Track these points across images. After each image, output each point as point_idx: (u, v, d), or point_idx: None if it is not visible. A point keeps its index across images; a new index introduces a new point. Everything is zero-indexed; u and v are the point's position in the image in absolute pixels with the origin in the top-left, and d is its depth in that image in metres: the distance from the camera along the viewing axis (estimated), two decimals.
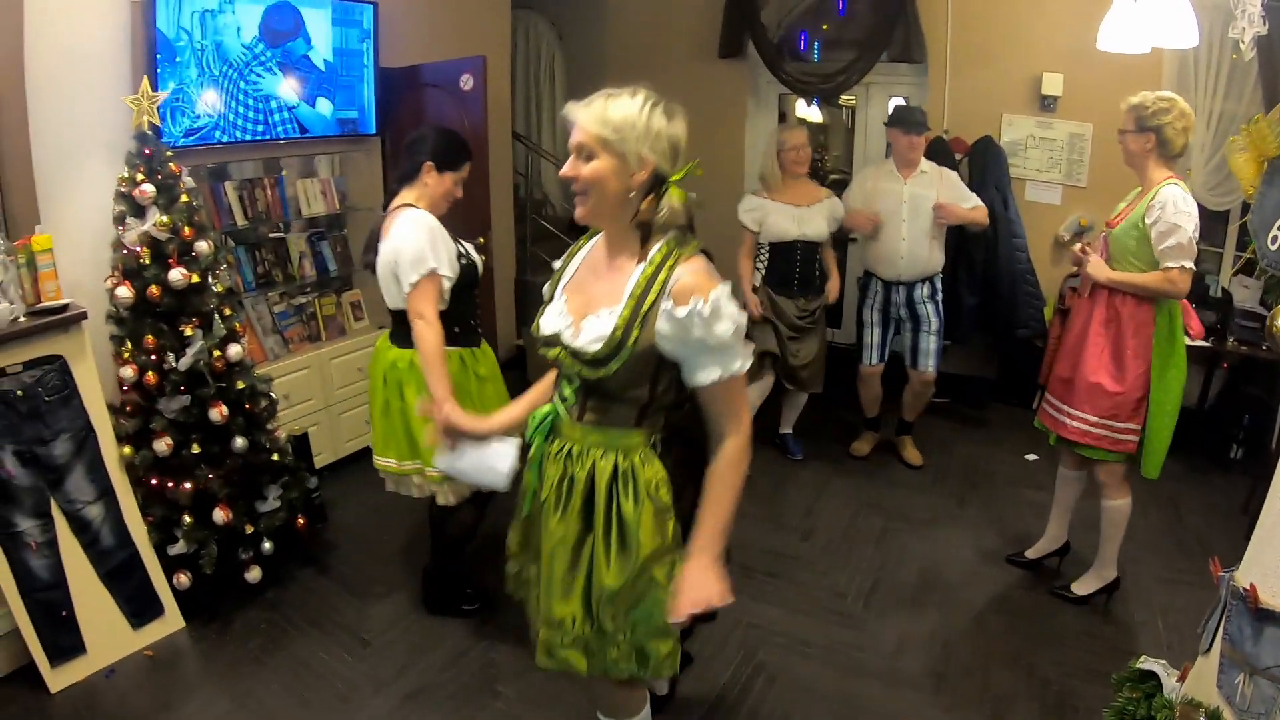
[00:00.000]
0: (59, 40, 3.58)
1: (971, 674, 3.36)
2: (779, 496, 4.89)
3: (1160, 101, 3.31)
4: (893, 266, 4.90)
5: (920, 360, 5.02)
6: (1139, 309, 3.40)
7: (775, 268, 5.02)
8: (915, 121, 4.75)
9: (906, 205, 4.80)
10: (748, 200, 5.05)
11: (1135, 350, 3.42)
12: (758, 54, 7.01)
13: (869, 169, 5.15)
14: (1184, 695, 1.80)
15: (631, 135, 1.95)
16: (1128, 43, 4.02)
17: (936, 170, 4.90)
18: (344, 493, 4.82)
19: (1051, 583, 3.94)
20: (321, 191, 5.22)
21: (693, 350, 1.91)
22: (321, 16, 4.84)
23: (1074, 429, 3.58)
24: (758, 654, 3.49)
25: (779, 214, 4.89)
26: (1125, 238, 3.40)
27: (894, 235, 4.85)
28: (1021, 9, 5.95)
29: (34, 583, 3.30)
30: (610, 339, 1.94)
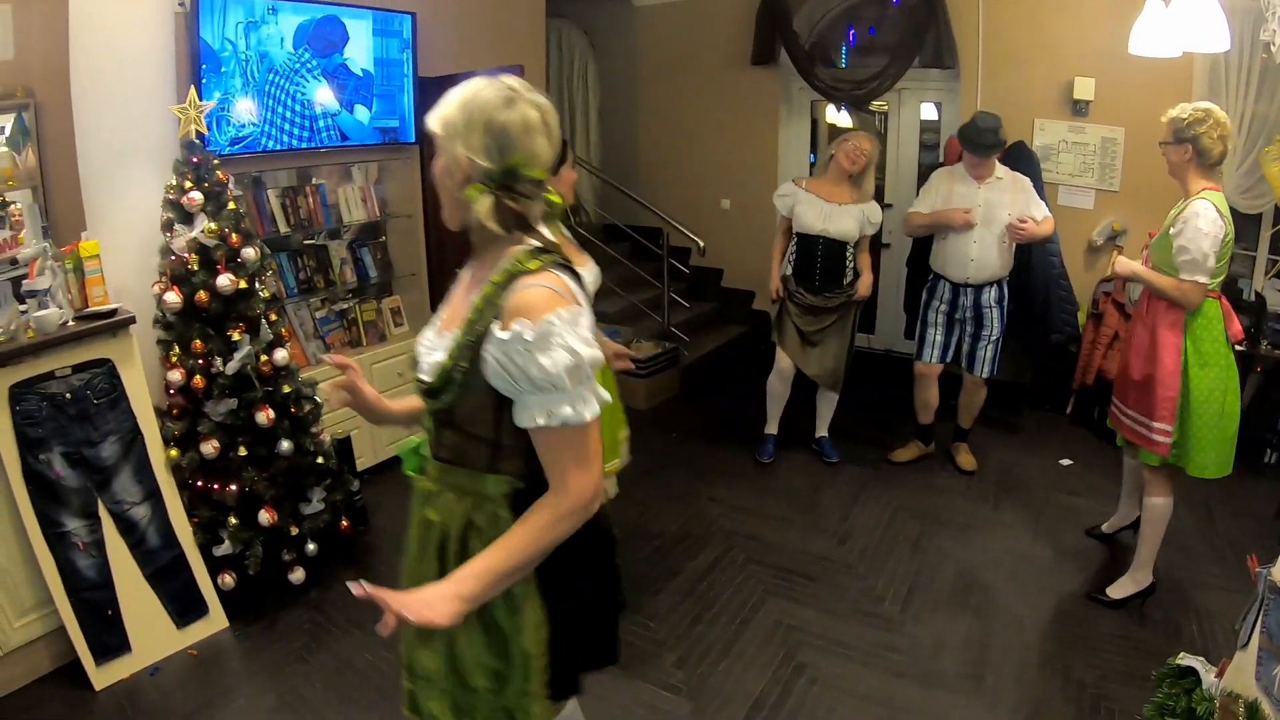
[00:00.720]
0: (105, 50, 3.66)
1: (1008, 676, 3.37)
2: (815, 500, 4.91)
3: (1196, 113, 3.37)
4: (962, 269, 4.88)
5: (977, 365, 5.02)
6: (1170, 308, 3.49)
7: (799, 260, 5.09)
8: (984, 145, 4.70)
9: (980, 210, 4.78)
10: (784, 186, 5.16)
11: (1167, 344, 3.48)
12: (790, 61, 7.05)
13: (943, 171, 5.10)
14: (1223, 689, 1.82)
15: (453, 131, 1.68)
16: (1159, 47, 4.04)
17: (1011, 176, 4.88)
18: (384, 496, 4.87)
19: (1088, 587, 3.94)
20: (362, 199, 5.29)
21: (516, 384, 1.61)
22: (362, 27, 4.91)
23: (1127, 427, 3.73)
24: (797, 655, 3.52)
25: (806, 205, 4.95)
26: (1161, 247, 3.50)
27: (965, 238, 4.83)
28: (1052, 13, 5.97)
29: (81, 581, 3.37)
30: (440, 367, 1.72)
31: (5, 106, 3.91)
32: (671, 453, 5.65)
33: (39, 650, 3.44)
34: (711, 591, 4.01)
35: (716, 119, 7.93)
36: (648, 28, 8.26)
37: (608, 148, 8.69)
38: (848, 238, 4.92)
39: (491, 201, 1.66)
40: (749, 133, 7.78)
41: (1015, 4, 6.14)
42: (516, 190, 1.68)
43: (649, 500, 4.92)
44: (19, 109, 3.96)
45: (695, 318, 7.75)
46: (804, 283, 5.05)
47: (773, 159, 7.70)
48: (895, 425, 5.75)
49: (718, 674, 3.41)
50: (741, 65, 7.46)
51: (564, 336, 1.58)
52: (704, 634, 3.68)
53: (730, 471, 5.30)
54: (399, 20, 5.11)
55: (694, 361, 7.17)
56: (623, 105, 8.58)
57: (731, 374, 7.29)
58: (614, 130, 8.67)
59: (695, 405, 6.60)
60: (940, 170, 5.14)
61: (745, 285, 8.08)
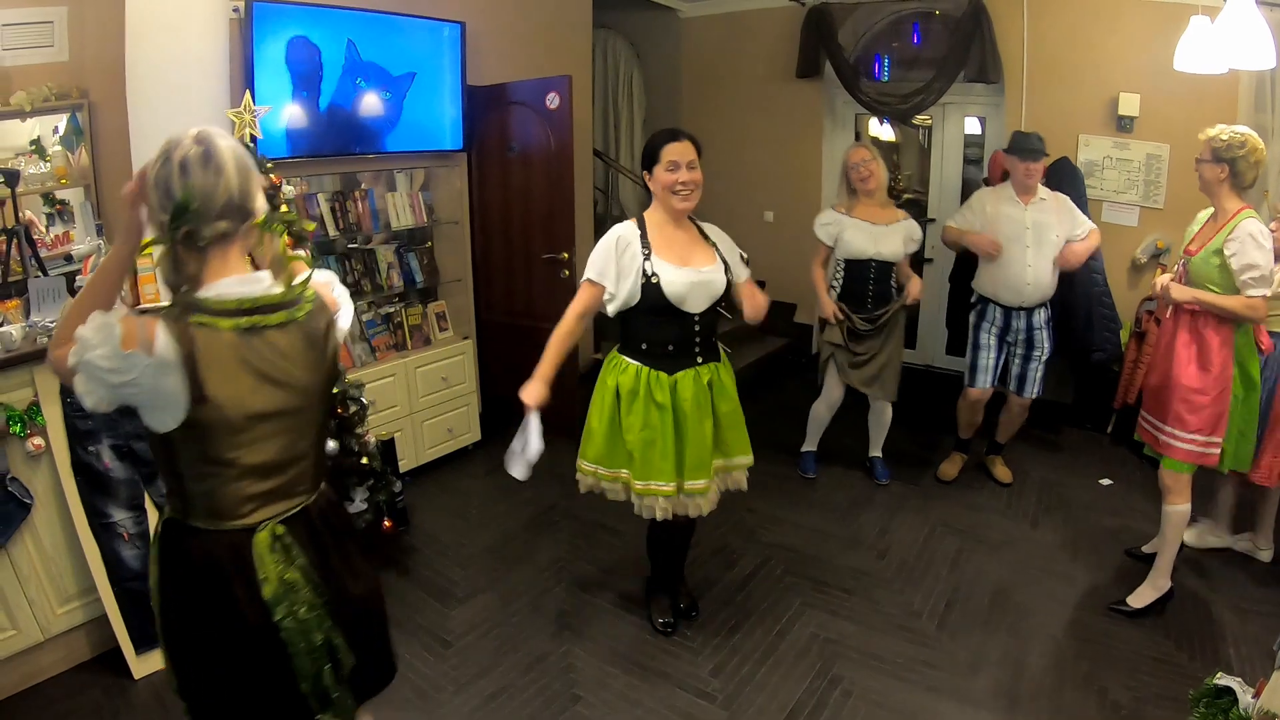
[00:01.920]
0: (160, 53, 3.70)
1: (1044, 695, 3.35)
2: (854, 514, 4.92)
3: (1236, 136, 3.47)
4: (1018, 294, 4.81)
5: (1027, 386, 4.98)
6: (1220, 327, 3.57)
7: (850, 285, 4.98)
8: (1032, 149, 4.68)
9: (1030, 232, 4.73)
10: (825, 214, 5.02)
11: (1219, 360, 3.58)
12: (835, 74, 7.07)
13: (986, 192, 5.02)
14: (1260, 708, 1.83)
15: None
16: (1205, 63, 4.04)
17: (1052, 195, 4.83)
18: (425, 498, 4.95)
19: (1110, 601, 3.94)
20: (410, 205, 5.38)
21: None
22: (412, 35, 5.00)
23: (1163, 442, 3.75)
24: (833, 668, 3.53)
25: (856, 230, 4.85)
26: (1205, 266, 3.55)
27: (1019, 262, 4.76)
28: (1098, 29, 5.96)
29: (125, 572, 3.45)
30: None
31: (60, 107, 4.03)
32: None
33: (79, 637, 3.53)
34: (749, 602, 4.02)
35: (760, 131, 7.95)
36: (693, 38, 8.31)
37: None
38: (897, 257, 4.87)
39: (163, 251, 1.73)
40: (793, 145, 7.80)
41: (1060, 19, 6.13)
42: (198, 230, 1.71)
43: None
44: (73, 109, 4.08)
45: (737, 329, 7.69)
46: (856, 306, 4.97)
47: (816, 172, 7.70)
48: (936, 441, 5.74)
49: (753, 684, 3.43)
50: (786, 77, 7.49)
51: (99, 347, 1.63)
52: (740, 643, 3.69)
53: (769, 483, 5.28)
54: (448, 29, 5.19)
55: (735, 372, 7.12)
56: (667, 115, 8.59)
57: (771, 386, 7.31)
58: None
59: None
60: (985, 190, 5.08)
61: (787, 298, 8.07)
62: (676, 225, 3.44)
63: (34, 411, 3.23)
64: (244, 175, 1.75)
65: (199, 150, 1.70)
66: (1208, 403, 3.59)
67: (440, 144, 5.35)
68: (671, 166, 3.30)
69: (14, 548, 3.25)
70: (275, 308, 1.78)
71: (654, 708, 3.28)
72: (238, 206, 1.73)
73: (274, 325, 1.78)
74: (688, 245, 3.41)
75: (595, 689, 3.40)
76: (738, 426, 3.56)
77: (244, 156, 1.77)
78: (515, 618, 3.87)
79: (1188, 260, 3.65)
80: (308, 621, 1.88)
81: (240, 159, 1.75)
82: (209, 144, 1.72)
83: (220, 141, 1.74)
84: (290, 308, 1.80)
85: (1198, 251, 3.59)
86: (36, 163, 3.98)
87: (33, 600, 3.33)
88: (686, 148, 3.31)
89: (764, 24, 7.63)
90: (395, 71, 4.94)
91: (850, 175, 4.90)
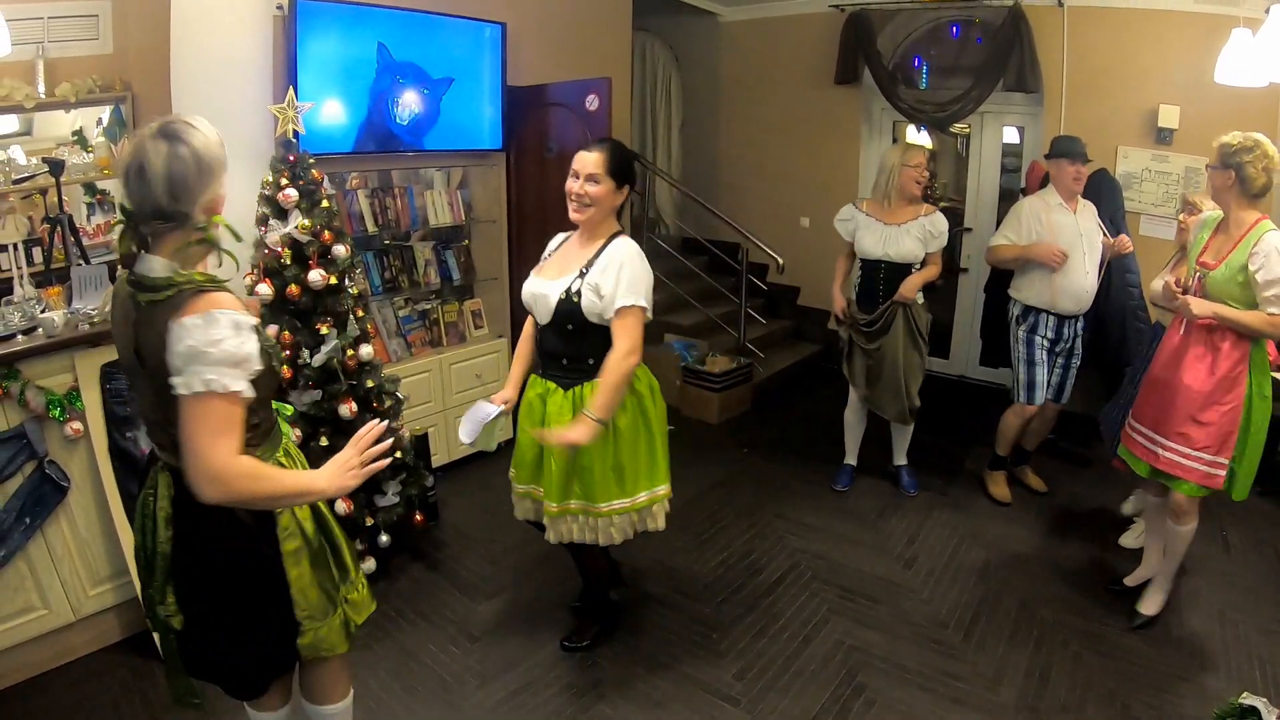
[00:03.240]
0: (205, 49, 3.78)
1: (1067, 710, 3.33)
2: (883, 522, 4.90)
3: (1246, 140, 3.38)
4: (1079, 300, 4.74)
5: (1065, 393, 4.96)
6: (1238, 344, 3.48)
7: (862, 285, 4.96)
8: (1079, 152, 4.65)
9: (1084, 238, 4.68)
10: (844, 210, 4.98)
11: (1235, 377, 3.49)
12: (873, 81, 7.07)
13: (1034, 201, 4.87)
14: None
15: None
16: (1245, 76, 4.02)
17: (1086, 203, 4.82)
18: (456, 494, 4.98)
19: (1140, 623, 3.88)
20: (449, 203, 5.44)
21: None
22: (453, 36, 5.05)
23: (1166, 460, 3.64)
24: (857, 676, 3.52)
25: (866, 229, 4.81)
26: (1228, 283, 3.43)
27: (1079, 269, 4.67)
28: (1138, 40, 5.94)
29: None
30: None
31: (104, 99, 4.11)
32: (742, 467, 5.69)
33: (110, 619, 3.60)
34: (776, 607, 4.02)
35: (798, 136, 7.96)
36: (732, 43, 8.33)
37: (689, 161, 8.77)
38: (911, 259, 4.76)
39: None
40: (830, 151, 7.80)
41: (1100, 30, 6.10)
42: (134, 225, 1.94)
43: (717, 512, 4.96)
44: (117, 101, 4.16)
45: (770, 334, 7.77)
46: (867, 308, 4.93)
47: (854, 178, 7.69)
48: (967, 452, 5.71)
49: (777, 689, 3.43)
50: (824, 84, 7.50)
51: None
52: (766, 649, 3.70)
53: (798, 489, 5.31)
54: (490, 30, 5.23)
55: (767, 378, 7.19)
56: (704, 119, 8.64)
57: (804, 392, 7.32)
58: (695, 144, 8.74)
59: (767, 421, 6.63)
60: (1029, 200, 4.92)
61: (822, 304, 8.05)
62: (583, 238, 3.24)
63: (73, 397, 3.30)
64: (176, 186, 1.87)
65: (136, 163, 1.86)
66: (1216, 417, 3.49)
67: (479, 143, 5.39)
68: (572, 174, 3.16)
69: (49, 529, 3.33)
70: (145, 288, 1.91)
71: (677, 709, 3.29)
72: (165, 213, 1.88)
73: (144, 301, 1.91)
74: (573, 259, 3.20)
75: (619, 688, 3.41)
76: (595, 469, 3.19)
77: (184, 165, 1.88)
78: (541, 614, 3.89)
79: (1205, 273, 3.53)
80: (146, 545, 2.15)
81: (175, 171, 1.87)
82: (145, 157, 1.86)
83: (162, 150, 1.87)
84: (150, 291, 1.90)
85: (1217, 265, 3.47)
86: (78, 153, 4.06)
87: (65, 581, 3.40)
88: (590, 158, 3.11)
89: (803, 29, 7.64)
90: (436, 71, 4.98)
91: (903, 177, 4.72)
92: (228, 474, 1.85)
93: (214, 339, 1.83)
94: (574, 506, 3.23)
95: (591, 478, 3.16)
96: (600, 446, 3.10)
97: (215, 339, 1.83)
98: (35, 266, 3.88)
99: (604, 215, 3.16)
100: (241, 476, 1.88)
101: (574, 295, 3.06)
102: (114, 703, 3.26)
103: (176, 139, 1.87)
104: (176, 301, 1.86)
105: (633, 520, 3.27)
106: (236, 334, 1.87)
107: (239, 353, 1.88)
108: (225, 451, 1.85)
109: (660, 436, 3.29)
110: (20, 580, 3.28)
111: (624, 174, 3.16)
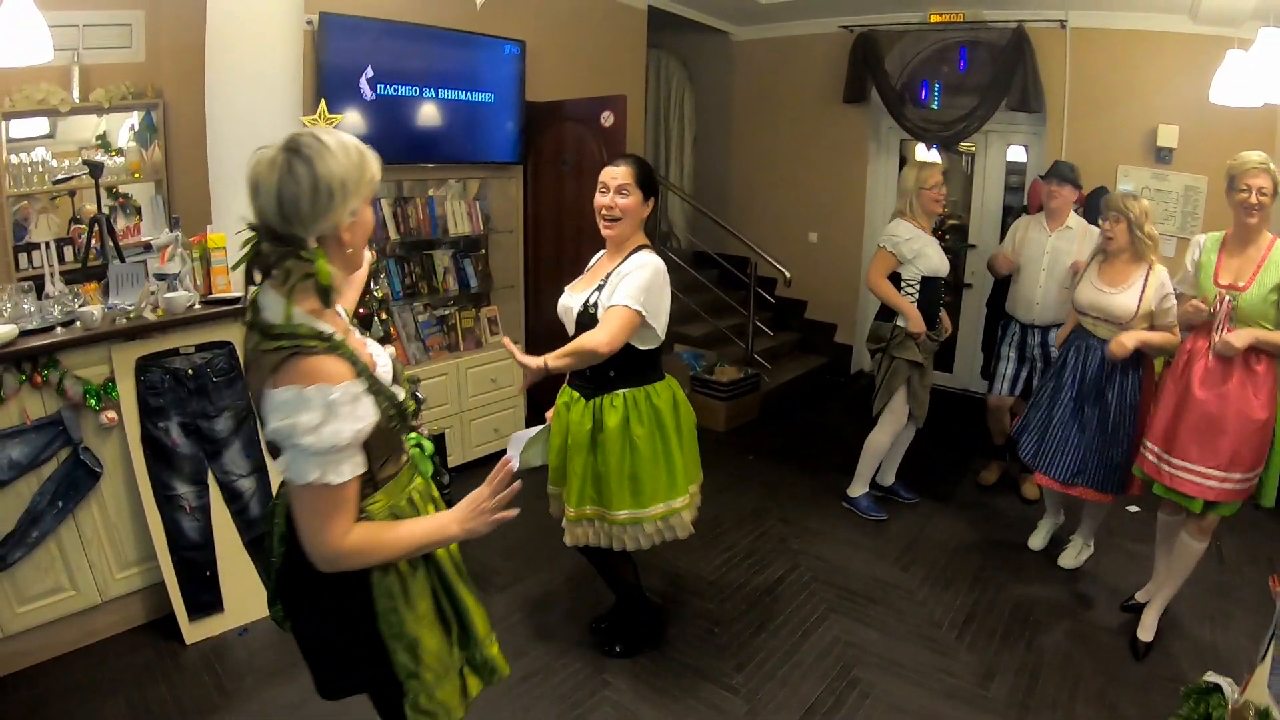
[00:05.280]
0: (239, 60, 3.92)
1: (1056, 707, 3.43)
2: (883, 527, 5.02)
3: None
4: (1029, 310, 5.08)
5: None
6: (1273, 362, 3.44)
7: (923, 305, 4.78)
8: (1060, 174, 4.91)
9: (1048, 255, 4.95)
10: (901, 227, 4.74)
11: (1271, 391, 3.44)
12: (880, 100, 7.22)
13: (1025, 219, 5.27)
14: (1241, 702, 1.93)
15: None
16: (1240, 96, 4.10)
17: (1083, 227, 4.93)
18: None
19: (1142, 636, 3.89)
20: (468, 213, 5.60)
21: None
22: (475, 51, 5.23)
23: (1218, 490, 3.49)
24: (853, 670, 3.63)
25: (935, 248, 4.76)
26: (1262, 303, 3.38)
27: (1033, 282, 5.02)
28: (1138, 61, 6.07)
29: (184, 541, 3.68)
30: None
31: (136, 105, 4.28)
32: (747, 472, 5.82)
33: (135, 602, 3.75)
34: (776, 605, 4.14)
35: (807, 153, 8.11)
36: (744, 61, 8.49)
37: (700, 176, 8.91)
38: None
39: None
40: (838, 168, 7.94)
41: (1101, 51, 6.24)
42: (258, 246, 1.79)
43: (723, 515, 5.08)
44: (148, 108, 4.32)
45: (777, 346, 7.89)
46: (929, 327, 4.86)
47: (860, 195, 7.84)
48: (968, 462, 5.82)
49: (775, 680, 3.55)
50: (833, 102, 7.64)
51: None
52: (765, 643, 3.82)
53: (802, 494, 5.43)
54: (510, 47, 5.40)
55: (774, 388, 7.30)
56: (716, 135, 8.79)
57: (809, 402, 7.44)
58: (707, 159, 8.88)
59: (772, 430, 6.75)
60: (1024, 218, 5.32)
61: (828, 318, 8.21)
62: (612, 252, 3.29)
63: (109, 387, 3.46)
64: (286, 207, 1.71)
65: (253, 177, 1.72)
66: (1267, 437, 3.45)
67: (498, 156, 5.56)
68: (601, 189, 3.19)
69: (80, 513, 3.47)
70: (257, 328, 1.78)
71: (679, 696, 3.42)
72: (276, 234, 1.73)
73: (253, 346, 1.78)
74: (600, 273, 3.26)
75: (624, 676, 3.54)
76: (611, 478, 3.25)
77: (298, 187, 1.70)
78: (551, 606, 4.01)
79: (1235, 296, 3.43)
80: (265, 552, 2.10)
81: (286, 192, 1.70)
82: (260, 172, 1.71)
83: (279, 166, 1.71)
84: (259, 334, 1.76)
85: (1247, 286, 3.41)
86: (102, 155, 4.22)
87: (93, 564, 3.55)
88: (619, 171, 3.15)
89: (814, 48, 7.79)
90: (458, 85, 5.15)
91: (924, 196, 4.74)
92: (339, 556, 1.76)
93: (308, 425, 1.66)
94: (589, 511, 3.29)
95: (607, 485, 3.22)
96: (618, 455, 3.18)
97: (310, 425, 1.66)
98: (65, 265, 4.05)
99: (633, 229, 3.21)
100: (354, 554, 1.79)
101: (591, 307, 3.13)
102: (137, 680, 3.39)
103: (297, 156, 1.70)
104: (274, 360, 1.70)
105: (646, 531, 3.29)
106: (331, 418, 1.68)
107: (338, 440, 1.70)
108: (335, 535, 1.75)
109: (681, 452, 3.34)
110: (50, 561, 3.42)
111: (650, 185, 3.21)
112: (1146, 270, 3.95)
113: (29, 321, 3.35)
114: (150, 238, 4.22)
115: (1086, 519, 4.54)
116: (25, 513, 3.31)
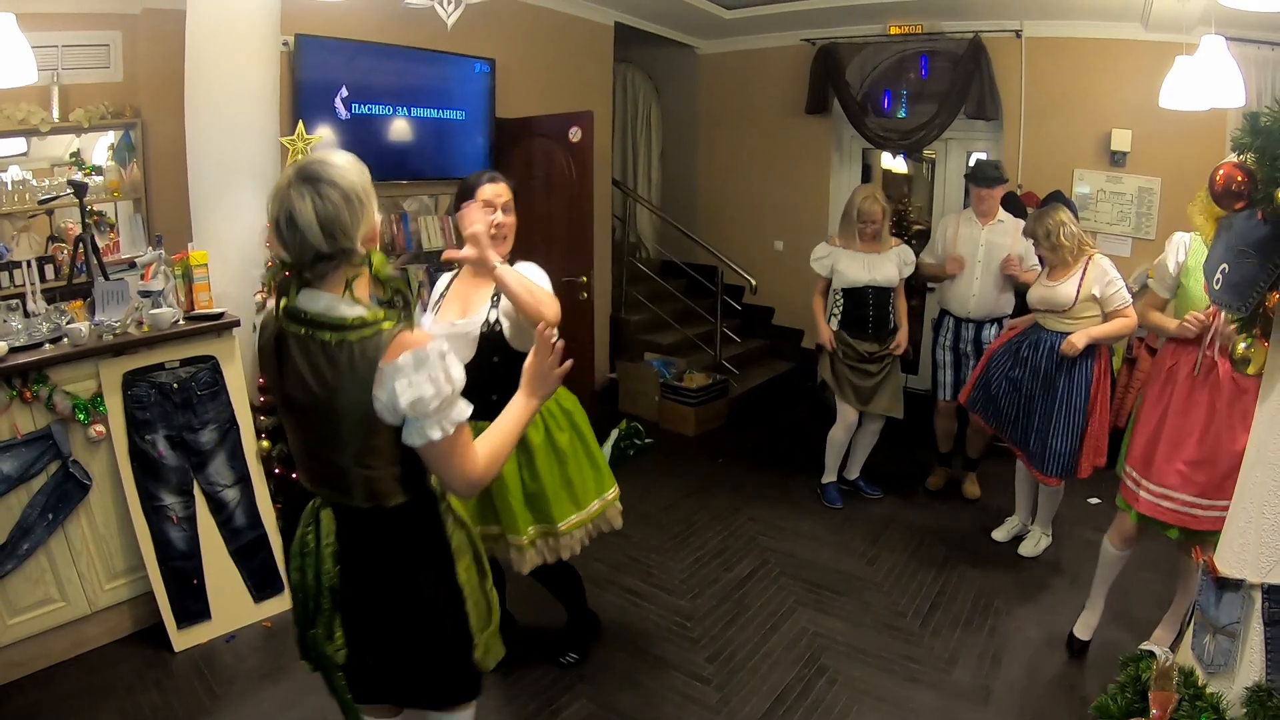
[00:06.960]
0: (218, 81, 4.03)
1: (1018, 690, 3.57)
2: (849, 524, 5.17)
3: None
4: (964, 305, 5.20)
5: None
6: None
7: (850, 312, 5.13)
8: (986, 176, 5.07)
9: (983, 249, 5.10)
10: (819, 248, 5.24)
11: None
12: (842, 110, 7.38)
13: (950, 217, 5.41)
14: (1167, 662, 2.08)
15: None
16: (1187, 100, 4.26)
17: (1014, 222, 5.12)
18: None
19: None
20: (440, 228, 5.71)
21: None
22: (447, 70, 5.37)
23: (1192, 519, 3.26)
24: (820, 658, 3.78)
25: (849, 261, 5.06)
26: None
27: (968, 276, 5.15)
28: (1091, 68, 6.26)
29: (171, 551, 3.77)
30: None
31: (115, 124, 4.37)
32: (716, 475, 5.93)
33: (124, 612, 3.82)
34: (746, 599, 4.28)
35: (771, 163, 8.27)
36: (709, 74, 8.65)
37: (667, 187, 9.05)
38: (892, 283, 5.08)
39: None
40: (802, 177, 8.10)
41: (1055, 59, 6.44)
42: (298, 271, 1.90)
43: (692, 516, 5.21)
44: (126, 127, 4.42)
45: (745, 353, 8.03)
46: (857, 333, 5.14)
47: (824, 203, 8.00)
48: (931, 460, 5.96)
49: (746, 670, 3.68)
50: (796, 113, 7.80)
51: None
52: (736, 635, 3.95)
53: (769, 494, 5.58)
54: (480, 65, 5.53)
55: (742, 393, 7.45)
56: (683, 147, 8.94)
57: (777, 406, 7.60)
58: (674, 171, 9.02)
59: (741, 433, 6.89)
60: (947, 215, 5.52)
61: (795, 324, 8.37)
62: (472, 273, 3.17)
63: (97, 401, 3.56)
64: (330, 226, 1.81)
65: (285, 213, 1.81)
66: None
67: (469, 171, 5.62)
68: (487, 208, 3.10)
69: (69, 525, 3.56)
70: (329, 325, 1.86)
71: (654, 687, 3.54)
72: (326, 255, 1.83)
73: (331, 340, 1.85)
74: (469, 294, 3.18)
75: (600, 670, 3.66)
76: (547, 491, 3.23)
77: (334, 205, 1.81)
78: (525, 598, 4.02)
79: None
80: (308, 584, 2.04)
81: (325, 213, 1.80)
82: (291, 205, 1.80)
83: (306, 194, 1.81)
84: (334, 330, 1.85)
85: None
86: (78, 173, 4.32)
87: (83, 575, 3.63)
88: (502, 188, 3.15)
89: (777, 61, 7.96)
90: (430, 103, 5.29)
91: (856, 221, 5.04)
92: (483, 477, 1.97)
93: (436, 380, 1.81)
94: (533, 533, 3.22)
95: (545, 500, 3.18)
96: (547, 469, 3.17)
97: (436, 379, 1.81)
98: (46, 284, 4.14)
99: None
100: (490, 469, 1.99)
101: (495, 325, 3.03)
102: (129, 687, 3.46)
103: (318, 180, 1.82)
104: (378, 342, 1.82)
105: (589, 530, 3.33)
106: (445, 365, 1.84)
107: (457, 382, 1.87)
108: (471, 465, 1.94)
109: (594, 443, 3.39)
110: (40, 573, 3.50)
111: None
112: (1086, 261, 4.20)
113: (17, 338, 3.44)
114: (134, 255, 4.31)
115: (1042, 506, 4.72)
116: (16, 525, 3.39)
